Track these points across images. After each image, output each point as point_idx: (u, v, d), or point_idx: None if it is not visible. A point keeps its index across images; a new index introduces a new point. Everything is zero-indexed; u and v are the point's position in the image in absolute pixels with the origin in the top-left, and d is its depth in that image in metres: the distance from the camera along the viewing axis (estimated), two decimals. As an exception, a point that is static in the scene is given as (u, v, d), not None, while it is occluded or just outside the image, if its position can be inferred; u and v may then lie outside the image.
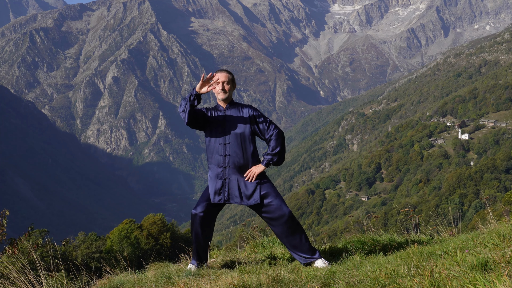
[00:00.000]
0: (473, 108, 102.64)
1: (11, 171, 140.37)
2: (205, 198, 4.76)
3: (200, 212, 4.69)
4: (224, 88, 4.75)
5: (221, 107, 4.82)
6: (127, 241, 29.92)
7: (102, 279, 4.58)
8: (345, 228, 41.64)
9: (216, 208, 4.79)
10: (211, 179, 4.79)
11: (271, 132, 4.75)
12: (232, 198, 4.70)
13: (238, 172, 4.71)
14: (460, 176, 67.72)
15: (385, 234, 5.61)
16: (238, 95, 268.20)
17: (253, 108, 4.84)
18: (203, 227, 4.70)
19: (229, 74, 4.81)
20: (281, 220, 4.60)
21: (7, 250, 4.60)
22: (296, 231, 4.63)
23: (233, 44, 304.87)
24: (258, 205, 4.66)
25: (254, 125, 4.77)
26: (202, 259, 4.75)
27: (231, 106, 4.82)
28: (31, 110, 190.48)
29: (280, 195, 4.73)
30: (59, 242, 5.63)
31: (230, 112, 4.78)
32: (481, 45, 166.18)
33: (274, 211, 4.61)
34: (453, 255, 3.90)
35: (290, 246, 4.66)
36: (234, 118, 4.75)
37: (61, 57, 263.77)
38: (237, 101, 5.03)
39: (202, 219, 4.68)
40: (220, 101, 4.79)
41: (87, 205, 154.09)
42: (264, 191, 4.66)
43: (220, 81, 4.74)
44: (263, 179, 4.71)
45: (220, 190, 4.70)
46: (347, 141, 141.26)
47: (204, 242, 4.73)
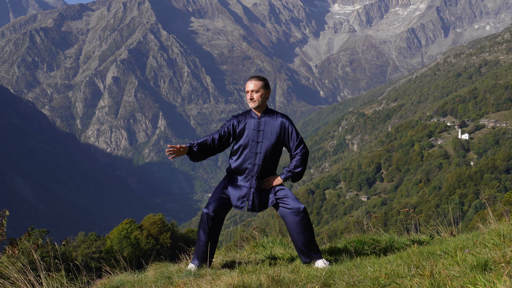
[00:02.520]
0: (473, 108, 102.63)
1: (11, 171, 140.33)
2: (217, 197, 4.74)
3: (212, 211, 4.68)
4: (252, 97, 4.68)
5: (255, 114, 4.73)
6: (127, 241, 29.91)
7: (102, 279, 4.58)
8: (345, 228, 41.68)
9: (227, 207, 4.80)
10: (233, 184, 4.75)
11: (299, 151, 4.74)
12: (254, 208, 4.71)
13: (261, 181, 4.75)
14: (460, 176, 67.70)
15: (385, 234, 5.61)
16: (238, 95, 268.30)
17: (289, 120, 4.77)
18: (213, 226, 4.70)
19: (259, 81, 4.71)
20: (296, 213, 4.61)
21: (7, 250, 4.60)
22: (309, 229, 4.65)
23: (233, 44, 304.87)
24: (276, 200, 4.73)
25: (286, 139, 4.73)
26: (205, 259, 4.73)
27: (265, 115, 4.73)
28: (31, 110, 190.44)
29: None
30: (59, 242, 5.63)
31: (264, 121, 4.70)
32: (481, 45, 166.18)
33: (291, 203, 4.63)
34: (453, 255, 3.90)
35: (300, 243, 4.66)
36: (268, 128, 4.68)
37: (61, 57, 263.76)
38: (271, 107, 4.95)
39: (213, 219, 4.68)
40: (253, 108, 4.72)
41: (87, 205, 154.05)
42: (280, 192, 4.72)
43: (249, 90, 4.67)
44: (280, 185, 4.78)
45: (243, 198, 4.70)
46: (347, 141, 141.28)
47: (212, 241, 4.72)
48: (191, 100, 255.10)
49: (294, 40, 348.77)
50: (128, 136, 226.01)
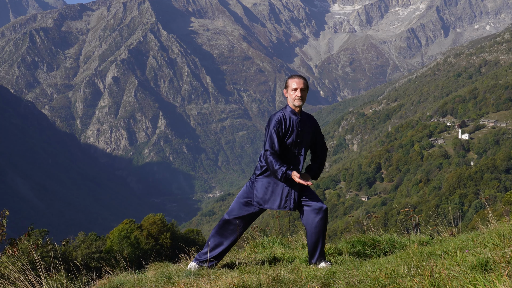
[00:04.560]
0: (473, 108, 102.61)
1: (11, 171, 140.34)
2: (241, 206, 4.73)
3: (233, 219, 4.70)
4: (302, 95, 4.73)
5: (296, 112, 4.76)
6: (127, 241, 29.91)
7: (102, 279, 4.58)
8: (345, 228, 41.65)
9: (252, 216, 4.78)
10: (275, 185, 4.70)
11: (323, 148, 4.89)
12: (295, 206, 4.73)
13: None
14: (460, 176, 67.68)
15: (385, 234, 5.61)
16: (238, 95, 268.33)
17: (315, 119, 4.90)
18: (231, 234, 4.71)
19: (305, 80, 4.79)
20: (319, 211, 4.65)
21: (7, 250, 4.60)
22: (324, 230, 4.68)
23: (233, 44, 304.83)
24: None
25: (315, 138, 4.84)
26: (206, 259, 4.72)
27: (302, 114, 4.81)
28: (31, 110, 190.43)
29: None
30: (59, 242, 5.62)
31: (303, 121, 4.76)
32: (481, 45, 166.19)
33: (314, 201, 4.68)
34: (453, 255, 3.90)
35: (311, 242, 4.68)
36: (306, 128, 4.74)
37: (61, 57, 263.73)
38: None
39: (233, 227, 4.71)
40: (294, 106, 4.74)
41: (87, 205, 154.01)
42: (307, 190, 4.76)
43: (298, 87, 4.70)
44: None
45: (286, 197, 4.69)
46: (347, 141, 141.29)
47: (225, 247, 4.73)
48: (191, 100, 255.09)
49: (294, 40, 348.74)
50: (128, 136, 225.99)
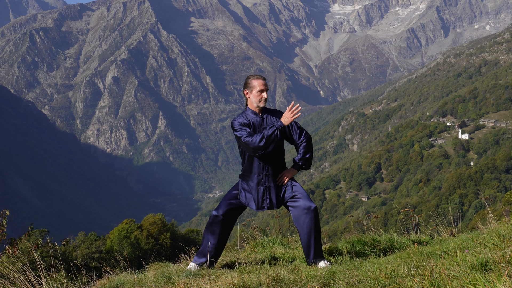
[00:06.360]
0: (473, 108, 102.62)
1: (11, 171, 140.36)
2: (228, 201, 4.77)
3: (221, 214, 4.71)
4: (267, 97, 4.71)
5: (256, 113, 4.74)
6: (127, 241, 29.91)
7: (102, 279, 4.58)
8: (345, 228, 41.62)
9: (238, 210, 4.81)
10: (250, 187, 4.74)
11: (303, 137, 4.78)
12: (272, 206, 4.73)
13: (275, 178, 4.75)
14: (460, 176, 67.69)
15: (385, 234, 5.61)
16: (238, 95, 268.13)
17: (282, 112, 4.81)
18: (222, 229, 4.74)
19: (266, 80, 4.77)
20: (307, 211, 4.64)
21: (7, 250, 4.60)
22: (317, 229, 4.66)
23: (233, 44, 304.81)
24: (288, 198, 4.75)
25: (287, 130, 4.77)
26: (207, 259, 4.72)
27: (264, 112, 4.77)
28: (31, 110, 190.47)
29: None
30: (59, 242, 5.62)
31: (266, 118, 4.73)
32: (481, 45, 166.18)
33: (302, 201, 4.68)
34: (453, 255, 3.90)
35: (305, 243, 4.67)
36: (270, 124, 4.69)
37: (61, 57, 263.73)
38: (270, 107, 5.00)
39: (222, 222, 4.72)
40: (256, 107, 4.72)
41: (87, 205, 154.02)
42: (296, 190, 4.75)
43: (264, 89, 4.67)
44: (293, 181, 4.80)
45: (262, 198, 4.71)
46: (347, 141, 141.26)
47: (218, 243, 4.75)
48: (191, 100, 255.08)
49: (294, 40, 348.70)
50: (128, 136, 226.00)
